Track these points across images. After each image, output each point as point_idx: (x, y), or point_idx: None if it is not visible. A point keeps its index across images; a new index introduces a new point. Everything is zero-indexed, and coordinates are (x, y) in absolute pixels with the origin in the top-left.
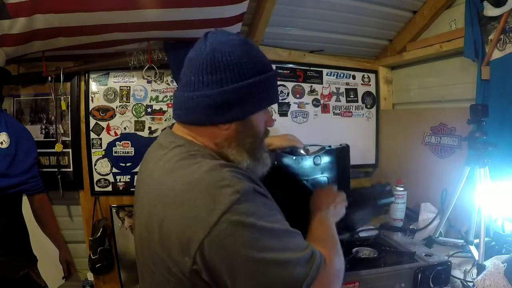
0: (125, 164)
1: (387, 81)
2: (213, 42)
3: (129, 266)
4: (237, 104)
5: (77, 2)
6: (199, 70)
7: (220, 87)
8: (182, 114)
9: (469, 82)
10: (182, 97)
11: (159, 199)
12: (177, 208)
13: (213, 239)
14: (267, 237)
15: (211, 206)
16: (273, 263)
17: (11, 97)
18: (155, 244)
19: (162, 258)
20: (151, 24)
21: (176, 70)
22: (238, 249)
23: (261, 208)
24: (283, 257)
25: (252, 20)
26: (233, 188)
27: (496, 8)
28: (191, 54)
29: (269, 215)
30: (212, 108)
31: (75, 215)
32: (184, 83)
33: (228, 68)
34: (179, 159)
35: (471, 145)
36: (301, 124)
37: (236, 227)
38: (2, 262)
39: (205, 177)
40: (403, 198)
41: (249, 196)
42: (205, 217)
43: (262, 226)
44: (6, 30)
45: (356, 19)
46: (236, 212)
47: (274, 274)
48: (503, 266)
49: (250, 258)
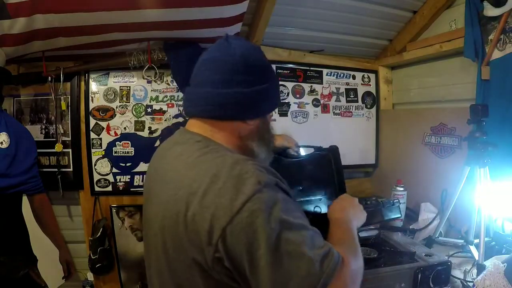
0: (125, 164)
1: (387, 81)
2: (240, 46)
3: (129, 266)
4: (263, 102)
5: (77, 2)
6: (232, 70)
7: (252, 86)
8: (207, 109)
9: (469, 82)
10: (211, 93)
11: (183, 192)
12: (202, 199)
13: (235, 226)
14: (286, 228)
15: (234, 196)
16: (290, 255)
17: (11, 97)
18: (180, 235)
19: (186, 248)
20: (151, 24)
21: (176, 70)
22: (258, 237)
23: (281, 201)
24: (300, 250)
25: (252, 20)
26: (256, 179)
27: (496, 8)
28: (215, 54)
29: (289, 210)
30: (244, 105)
31: (75, 215)
32: (212, 80)
33: (259, 71)
34: (201, 154)
35: (471, 145)
36: (301, 124)
37: (258, 216)
38: (2, 262)
39: (230, 169)
40: (403, 198)
41: (271, 188)
42: (228, 205)
43: (282, 217)
44: (6, 30)
45: (356, 19)
46: (258, 201)
47: (291, 266)
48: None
49: (268, 248)
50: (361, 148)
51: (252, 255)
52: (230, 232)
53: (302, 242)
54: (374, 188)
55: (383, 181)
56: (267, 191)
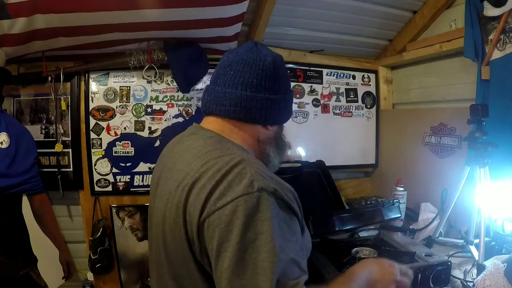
0: (125, 164)
1: (387, 81)
2: (269, 53)
3: (129, 266)
4: (284, 110)
5: (77, 2)
6: (263, 75)
7: (278, 94)
8: (233, 110)
9: (469, 82)
10: (239, 95)
11: (186, 182)
12: (200, 190)
13: (213, 221)
14: (262, 241)
15: (224, 192)
16: (255, 269)
17: (11, 97)
18: (179, 225)
19: (183, 239)
20: (151, 24)
21: (176, 70)
22: (230, 238)
23: (272, 212)
24: (265, 270)
25: (252, 20)
26: (251, 181)
27: (496, 8)
28: (245, 56)
29: (276, 223)
30: (270, 110)
31: (75, 215)
32: (241, 82)
33: (283, 80)
34: (212, 148)
35: (471, 145)
36: (301, 124)
37: (238, 218)
38: (2, 262)
39: (232, 166)
40: (403, 198)
41: (266, 194)
42: (216, 199)
43: (262, 229)
44: (6, 30)
45: (356, 19)
46: (244, 203)
47: (251, 280)
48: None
49: (235, 253)
50: (361, 148)
51: (218, 253)
52: (207, 225)
53: (272, 262)
54: (374, 188)
55: (383, 181)
56: (257, 196)
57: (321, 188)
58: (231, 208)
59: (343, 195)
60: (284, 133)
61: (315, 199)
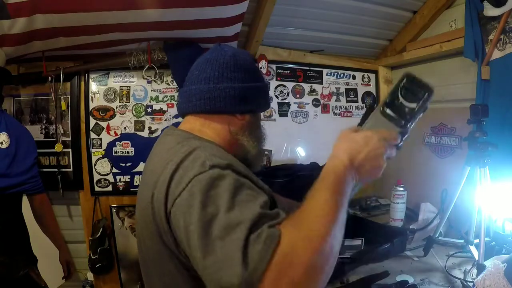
0: (125, 164)
1: (387, 81)
2: (230, 48)
3: (129, 266)
4: (253, 99)
5: (77, 2)
6: (224, 68)
7: (241, 83)
8: (199, 104)
9: (469, 82)
10: (202, 88)
11: (151, 179)
12: (162, 184)
13: (177, 210)
14: (224, 211)
15: (180, 179)
16: (222, 241)
17: (11, 97)
18: (152, 221)
19: (155, 235)
20: (151, 24)
21: (176, 70)
22: (192, 220)
23: (227, 180)
24: (229, 237)
25: (252, 20)
26: (203, 162)
27: (496, 8)
28: (208, 56)
29: (235, 190)
30: (234, 98)
31: (75, 215)
32: (205, 77)
33: (247, 70)
34: (176, 144)
35: (471, 145)
36: (301, 124)
37: (195, 198)
38: (2, 262)
39: (186, 155)
40: (403, 198)
41: (218, 169)
42: (174, 189)
43: (222, 200)
44: (6, 30)
45: (356, 19)
46: (198, 183)
47: (222, 253)
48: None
49: (200, 233)
50: None
51: (188, 240)
52: (173, 215)
53: (233, 226)
54: (374, 188)
55: (383, 181)
56: (210, 173)
57: None
58: (188, 192)
59: None
60: (261, 123)
61: None
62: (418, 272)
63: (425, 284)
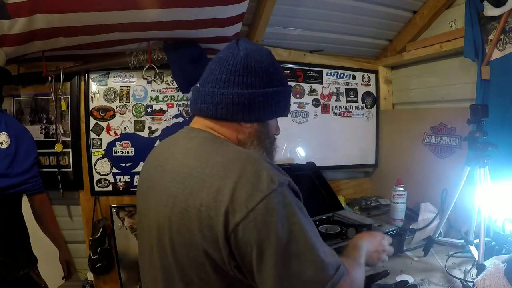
0: (125, 164)
1: (387, 81)
2: (245, 48)
3: (129, 266)
4: (261, 107)
5: (77, 2)
6: (232, 71)
7: (249, 89)
8: (205, 107)
9: (469, 82)
10: (208, 92)
11: (194, 186)
12: (217, 193)
13: (249, 223)
14: (299, 231)
15: (250, 192)
16: (299, 258)
17: (11, 97)
18: (192, 230)
19: (198, 244)
20: (151, 24)
21: (176, 70)
22: (270, 236)
23: (294, 203)
24: (311, 254)
25: (252, 20)
26: (270, 178)
27: (496, 8)
28: (221, 54)
29: (301, 212)
30: (238, 106)
31: (75, 215)
32: (212, 80)
33: (259, 74)
34: (212, 148)
35: (471, 145)
36: (301, 124)
37: (272, 215)
38: (2, 262)
39: (244, 164)
40: (403, 198)
41: (285, 188)
42: (244, 201)
43: (295, 219)
44: (6, 30)
45: (356, 19)
46: (274, 200)
47: (298, 268)
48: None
49: (278, 249)
50: (361, 148)
51: (261, 254)
52: (243, 227)
53: (314, 246)
54: (374, 188)
55: (383, 181)
56: (281, 191)
57: (315, 191)
58: (263, 208)
59: (343, 195)
60: (272, 134)
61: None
62: (418, 272)
63: (425, 284)
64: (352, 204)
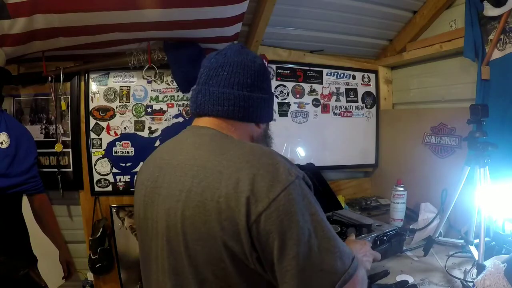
0: (125, 164)
1: (387, 81)
2: (256, 56)
3: (129, 266)
4: (271, 109)
5: (77, 2)
6: (255, 76)
7: (268, 93)
8: (235, 110)
9: (469, 82)
10: (237, 95)
11: (211, 179)
12: (237, 184)
13: (272, 213)
14: (317, 222)
15: (271, 182)
16: (319, 249)
17: (11, 97)
18: (210, 223)
19: (217, 237)
20: (151, 24)
21: (176, 70)
22: (292, 226)
23: (310, 195)
24: (330, 244)
25: (252, 20)
26: (288, 170)
27: (496, 8)
28: (235, 59)
29: (317, 204)
30: (263, 109)
31: (75, 215)
32: (236, 82)
33: (269, 80)
34: (224, 142)
35: (471, 145)
36: (301, 124)
37: (293, 205)
38: (2, 262)
39: (261, 156)
40: (403, 198)
41: (301, 181)
42: (265, 191)
43: (313, 210)
44: (6, 30)
45: (356, 19)
46: (293, 191)
47: (319, 259)
48: (503, 266)
49: (300, 239)
50: (361, 148)
51: (283, 243)
52: (265, 217)
53: (332, 237)
54: (374, 188)
55: (383, 181)
56: (299, 183)
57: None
58: (284, 198)
59: (343, 195)
60: (270, 131)
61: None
62: (418, 272)
63: (425, 284)
64: (352, 204)
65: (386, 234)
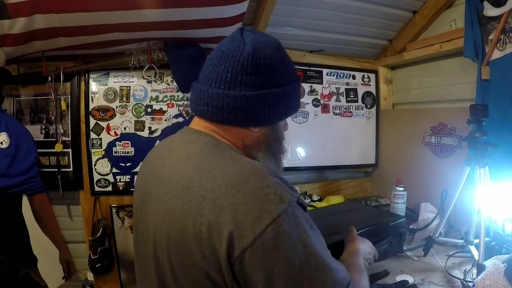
0: (125, 164)
1: (387, 81)
2: (252, 41)
3: (129, 266)
4: (272, 108)
5: (77, 2)
6: (238, 68)
7: (258, 89)
8: (210, 111)
9: (469, 82)
10: (211, 93)
11: (194, 202)
12: (220, 213)
13: (257, 249)
14: (310, 253)
15: (257, 214)
16: (314, 277)
17: (11, 97)
18: (192, 250)
19: (199, 265)
20: (151, 24)
21: (176, 70)
22: (280, 262)
23: (304, 221)
24: (326, 274)
25: (252, 20)
26: (279, 197)
27: (496, 8)
28: (224, 47)
29: (312, 230)
30: (248, 110)
31: (75, 215)
32: (215, 79)
33: (268, 72)
34: (213, 157)
35: (471, 145)
36: (301, 124)
37: (282, 239)
38: (2, 262)
39: (249, 180)
40: (403, 198)
41: (294, 207)
42: (250, 225)
43: (306, 241)
44: (6, 30)
45: (356, 19)
46: (283, 223)
47: None
48: (503, 266)
49: (289, 274)
50: (361, 148)
51: (269, 281)
52: (250, 254)
53: (326, 266)
54: (374, 188)
55: (383, 181)
56: (291, 211)
57: None
58: (272, 232)
59: (343, 195)
60: (281, 134)
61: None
62: (418, 272)
63: (425, 284)
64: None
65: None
